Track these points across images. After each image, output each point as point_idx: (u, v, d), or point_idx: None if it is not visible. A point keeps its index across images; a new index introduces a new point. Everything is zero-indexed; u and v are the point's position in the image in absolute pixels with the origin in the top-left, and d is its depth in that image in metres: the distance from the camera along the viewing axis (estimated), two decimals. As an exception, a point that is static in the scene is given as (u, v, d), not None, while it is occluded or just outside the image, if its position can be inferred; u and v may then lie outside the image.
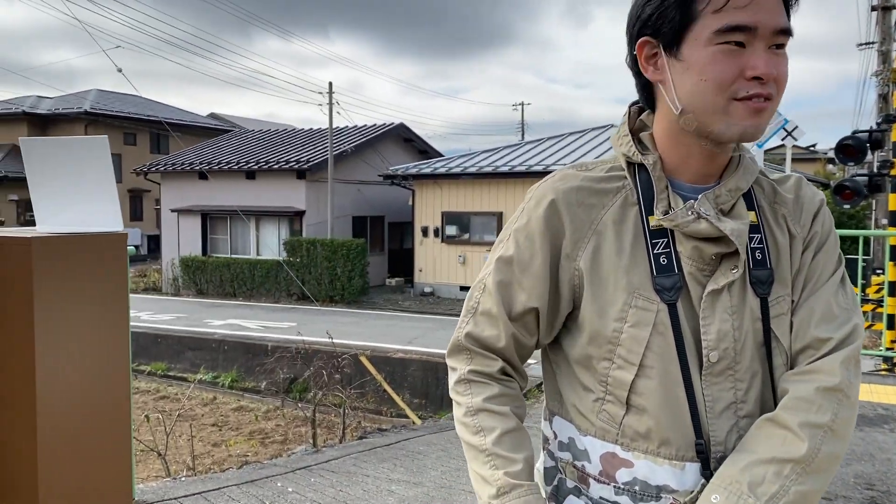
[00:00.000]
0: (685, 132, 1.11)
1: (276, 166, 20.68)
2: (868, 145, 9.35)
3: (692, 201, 1.10)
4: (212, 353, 13.85)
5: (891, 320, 8.76)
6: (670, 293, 1.09)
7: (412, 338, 13.55)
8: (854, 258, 9.04)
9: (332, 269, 18.91)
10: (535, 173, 17.51)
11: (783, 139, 5.81)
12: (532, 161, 18.69)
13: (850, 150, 9.10)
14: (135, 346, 13.66)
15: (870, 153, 9.95)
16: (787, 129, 5.65)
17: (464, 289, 19.07)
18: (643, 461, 1.10)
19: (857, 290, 8.39)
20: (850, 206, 9.81)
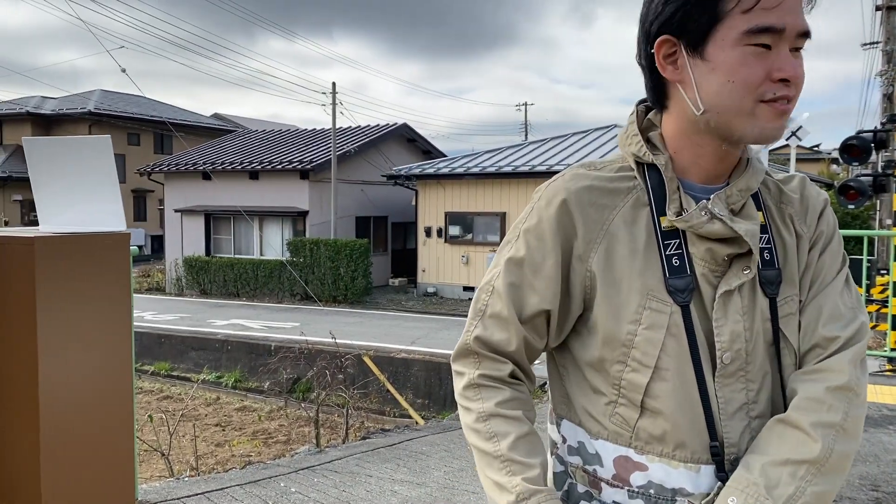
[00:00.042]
0: (701, 132, 1.09)
1: (279, 166, 20.69)
2: (872, 145, 9.35)
3: (705, 202, 1.09)
4: (215, 353, 13.87)
5: (895, 321, 8.73)
6: (683, 295, 1.08)
7: (415, 338, 13.55)
8: (858, 258, 9.02)
9: (336, 270, 18.91)
10: (538, 174, 17.51)
11: (787, 139, 5.79)
12: (535, 161, 18.68)
13: (854, 150, 9.09)
14: (138, 346, 13.73)
15: (874, 153, 9.93)
16: (791, 129, 5.63)
17: (467, 289, 19.07)
18: (658, 464, 1.09)
19: (861, 291, 8.37)
20: (854, 207, 9.78)
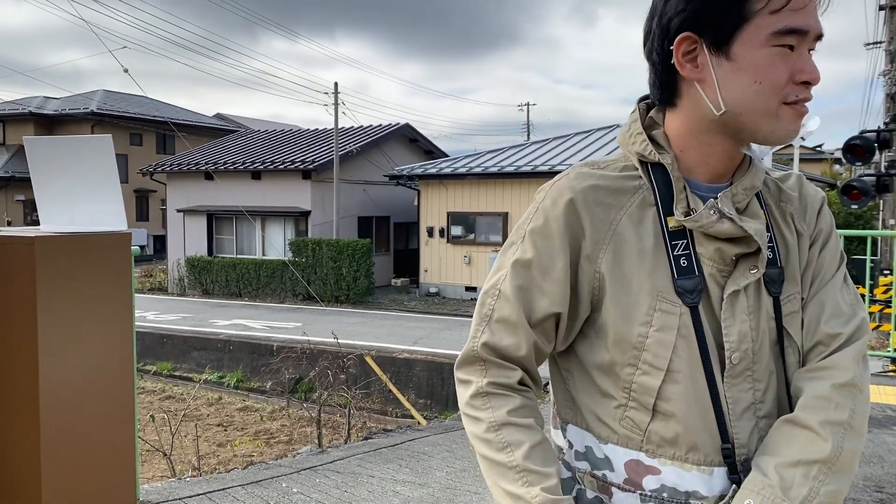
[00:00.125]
0: (713, 132, 1.08)
1: (281, 167, 20.69)
2: (876, 145, 9.32)
3: (713, 201, 1.08)
4: (217, 353, 13.87)
5: (899, 321, 8.69)
6: (692, 296, 1.07)
7: (417, 338, 13.54)
8: (862, 259, 8.98)
9: (338, 270, 18.91)
10: (540, 174, 17.49)
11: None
12: (538, 161, 18.66)
13: (858, 150, 9.07)
14: (140, 346, 13.79)
15: (877, 153, 9.91)
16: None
17: (469, 289, 19.05)
18: (670, 467, 1.08)
19: (864, 291, 8.33)
20: (857, 207, 9.76)
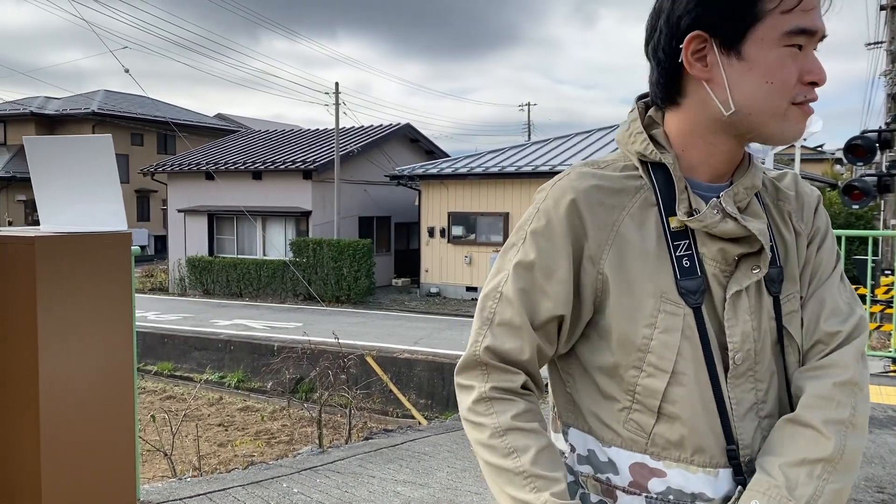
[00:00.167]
0: (717, 131, 1.07)
1: (282, 167, 20.69)
2: (877, 145, 9.31)
3: (716, 200, 1.07)
4: (218, 354, 13.87)
5: (900, 321, 8.68)
6: (695, 297, 1.06)
7: (418, 338, 13.54)
8: (863, 259, 8.97)
9: (339, 270, 18.91)
10: (541, 174, 17.48)
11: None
12: (538, 161, 18.66)
13: (859, 150, 9.05)
14: (141, 346, 13.80)
15: (878, 153, 9.90)
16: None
17: (470, 289, 19.05)
18: (676, 470, 1.07)
19: (865, 291, 8.32)
20: (858, 207, 9.74)
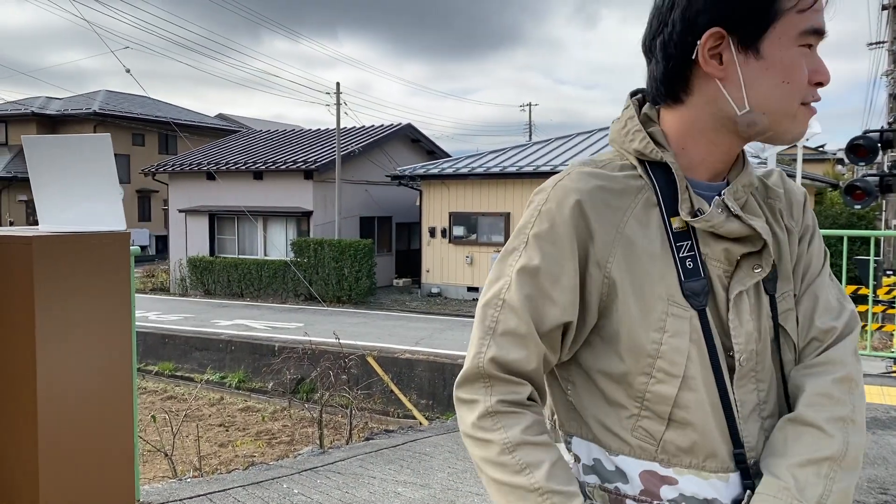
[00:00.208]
0: (721, 130, 1.06)
1: (283, 167, 20.69)
2: (879, 145, 9.28)
3: (719, 199, 1.06)
4: (219, 354, 13.87)
5: (902, 322, 8.67)
6: (699, 298, 1.04)
7: (419, 338, 13.53)
8: (866, 259, 8.96)
9: (340, 270, 18.91)
10: (542, 174, 17.48)
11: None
12: (540, 162, 18.65)
13: (861, 150, 9.03)
14: (142, 347, 13.82)
15: (881, 153, 9.87)
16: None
17: (471, 289, 19.04)
18: (687, 476, 1.05)
19: (868, 292, 8.30)
20: (860, 207, 9.72)
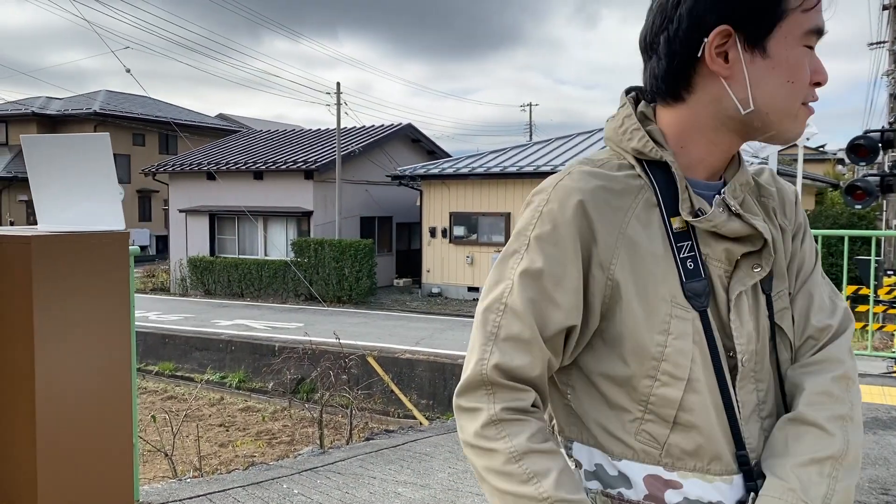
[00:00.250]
0: (721, 129, 1.04)
1: (283, 167, 20.69)
2: (880, 145, 9.27)
3: (720, 198, 1.05)
4: (219, 354, 13.87)
5: (903, 322, 8.66)
6: (701, 299, 1.03)
7: (420, 338, 13.53)
8: (867, 259, 8.94)
9: (340, 270, 18.90)
10: (543, 174, 17.46)
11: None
12: (540, 162, 18.65)
13: (861, 150, 9.02)
14: (143, 347, 13.82)
15: (881, 153, 9.85)
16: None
17: (472, 289, 19.03)
18: (692, 480, 1.03)
19: (868, 292, 8.30)
20: (861, 207, 9.72)
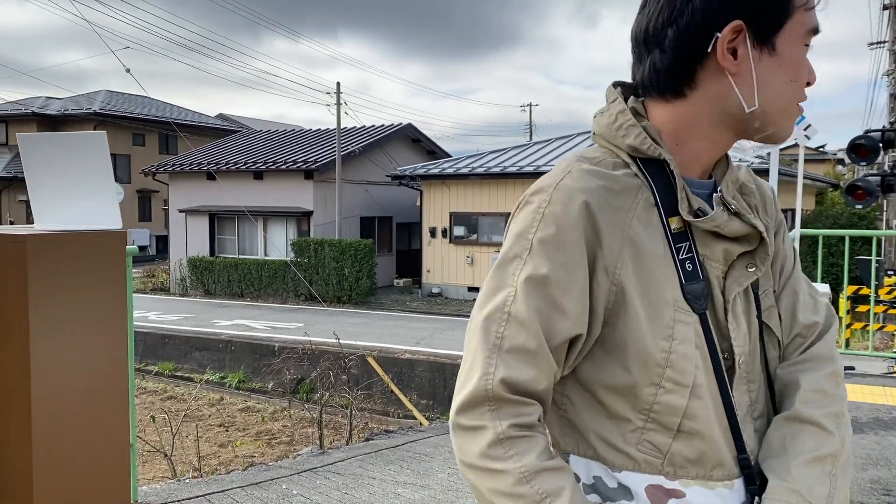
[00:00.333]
0: (719, 127, 1.02)
1: (283, 167, 20.67)
2: (881, 145, 9.26)
3: (718, 196, 1.03)
4: (219, 354, 13.85)
5: (904, 322, 8.65)
6: (700, 302, 1.00)
7: (420, 338, 13.52)
8: (867, 259, 8.93)
9: (340, 270, 18.89)
10: (543, 174, 17.34)
11: (795, 138, 5.69)
12: (540, 161, 18.64)
13: (862, 149, 9.00)
14: (142, 347, 13.81)
15: (882, 153, 9.85)
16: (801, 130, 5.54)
17: (472, 289, 19.01)
18: (694, 487, 1.00)
19: (869, 292, 8.28)
20: (862, 207, 9.71)
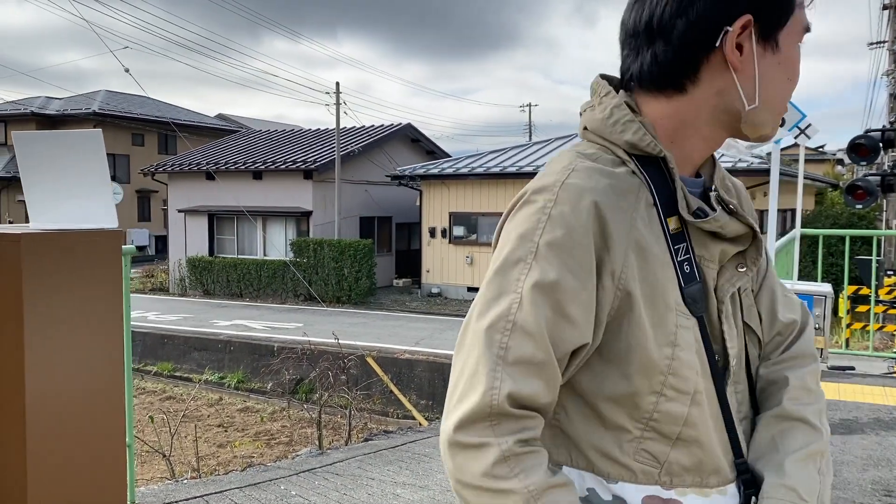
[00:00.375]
0: (716, 125, 1.00)
1: (282, 167, 20.66)
2: (881, 144, 9.25)
3: (716, 196, 1.01)
4: (218, 354, 13.83)
5: (904, 322, 8.64)
6: (698, 305, 0.97)
7: (419, 339, 13.50)
8: (867, 259, 8.91)
9: (339, 270, 18.87)
10: (542, 174, 17.41)
11: (796, 137, 5.68)
12: (540, 162, 18.62)
13: (862, 149, 8.99)
14: (141, 347, 13.79)
15: (882, 152, 9.84)
16: (800, 127, 5.52)
17: (471, 290, 18.99)
18: (691, 496, 0.97)
19: (869, 292, 8.27)
20: (862, 207, 9.70)
